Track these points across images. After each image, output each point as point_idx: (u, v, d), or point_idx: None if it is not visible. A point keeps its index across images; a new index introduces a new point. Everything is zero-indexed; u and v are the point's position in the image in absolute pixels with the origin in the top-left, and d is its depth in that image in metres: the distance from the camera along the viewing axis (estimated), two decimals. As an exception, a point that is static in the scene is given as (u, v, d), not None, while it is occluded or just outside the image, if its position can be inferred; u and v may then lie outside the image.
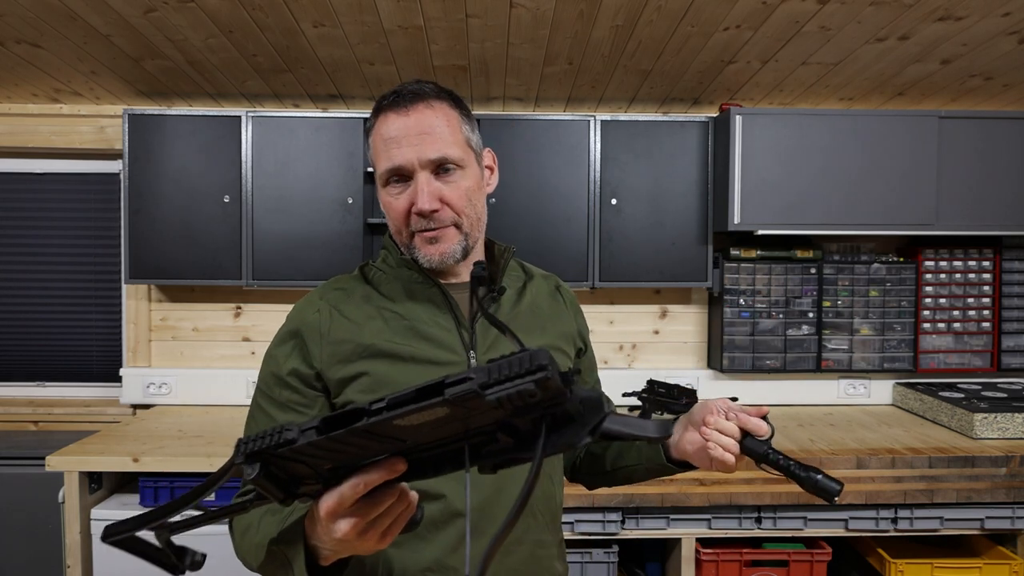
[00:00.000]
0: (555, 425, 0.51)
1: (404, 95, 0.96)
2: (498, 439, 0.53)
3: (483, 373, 0.45)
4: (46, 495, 2.26)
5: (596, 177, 2.49)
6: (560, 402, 0.48)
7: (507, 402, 0.45)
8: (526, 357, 0.45)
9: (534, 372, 0.44)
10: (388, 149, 0.95)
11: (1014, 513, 2.07)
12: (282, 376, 0.97)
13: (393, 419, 0.48)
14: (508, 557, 0.96)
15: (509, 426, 0.51)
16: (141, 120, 2.43)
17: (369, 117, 1.01)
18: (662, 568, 2.27)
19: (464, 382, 0.45)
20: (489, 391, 0.45)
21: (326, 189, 2.45)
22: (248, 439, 0.54)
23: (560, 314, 1.11)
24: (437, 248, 0.97)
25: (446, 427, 0.51)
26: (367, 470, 0.57)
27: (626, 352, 2.84)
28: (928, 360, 2.70)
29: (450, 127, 0.96)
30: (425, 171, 0.95)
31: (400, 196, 0.96)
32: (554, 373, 0.44)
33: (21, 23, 1.86)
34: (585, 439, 0.51)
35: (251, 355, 2.78)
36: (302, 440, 0.51)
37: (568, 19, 1.83)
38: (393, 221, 0.99)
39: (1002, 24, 1.84)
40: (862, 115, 2.42)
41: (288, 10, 1.77)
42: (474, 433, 0.52)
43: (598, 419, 0.51)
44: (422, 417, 0.48)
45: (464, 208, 0.97)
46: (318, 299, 1.02)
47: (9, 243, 2.81)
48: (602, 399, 0.52)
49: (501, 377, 0.45)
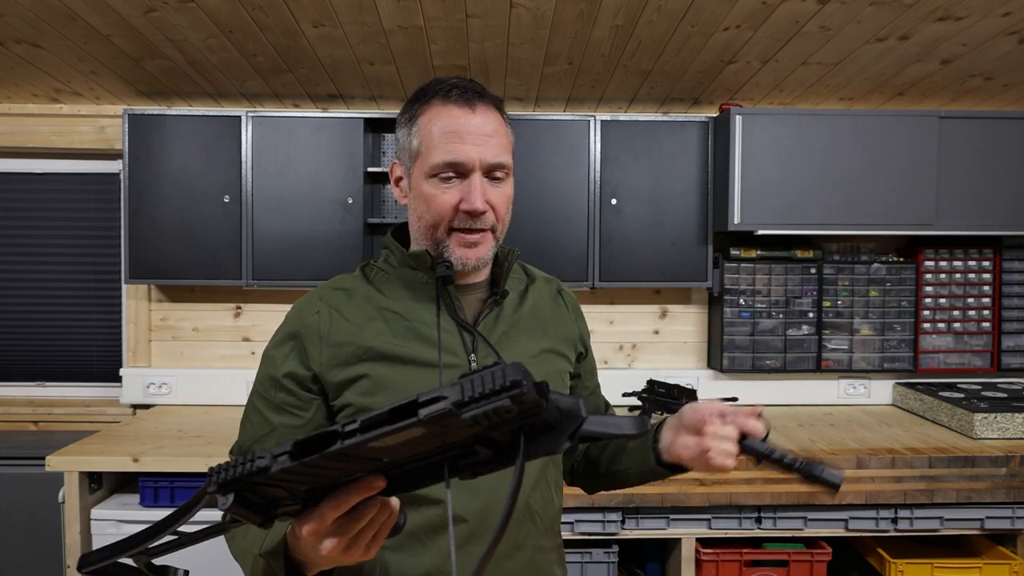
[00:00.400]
0: (533, 434, 0.51)
1: (468, 90, 0.95)
2: (476, 452, 0.53)
3: (457, 391, 0.44)
4: (46, 495, 2.26)
5: (596, 177, 2.49)
6: (537, 413, 0.47)
7: (483, 419, 0.45)
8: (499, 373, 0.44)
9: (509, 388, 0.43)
10: (449, 142, 0.93)
11: (1014, 513, 2.07)
12: (278, 378, 0.96)
13: (367, 442, 0.47)
14: (507, 562, 0.96)
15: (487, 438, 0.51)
16: (141, 120, 2.43)
17: (415, 102, 0.98)
18: (662, 568, 2.27)
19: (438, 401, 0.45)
20: (464, 409, 0.44)
21: (326, 189, 2.45)
22: (220, 468, 0.52)
23: (562, 318, 1.10)
24: (475, 252, 0.96)
25: (423, 444, 0.50)
26: (346, 489, 0.56)
27: (626, 352, 2.84)
28: (928, 360, 2.70)
29: (506, 135, 0.99)
30: (480, 173, 0.95)
31: (449, 191, 0.95)
32: (529, 388, 0.44)
33: (21, 23, 1.86)
34: (564, 445, 0.51)
35: (251, 355, 2.78)
36: (276, 467, 0.50)
37: (568, 19, 1.83)
38: (434, 214, 0.96)
39: (1002, 24, 1.84)
40: (862, 115, 2.42)
41: (288, 10, 1.77)
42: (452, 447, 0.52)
43: (576, 425, 0.51)
44: (397, 438, 0.47)
45: (504, 215, 1.00)
46: (318, 300, 1.00)
47: (9, 243, 2.81)
48: (579, 405, 0.52)
49: (476, 395, 0.44)
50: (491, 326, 1.00)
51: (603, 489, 1.15)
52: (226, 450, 2.13)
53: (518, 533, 0.97)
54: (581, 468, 1.17)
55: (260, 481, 0.52)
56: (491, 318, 1.01)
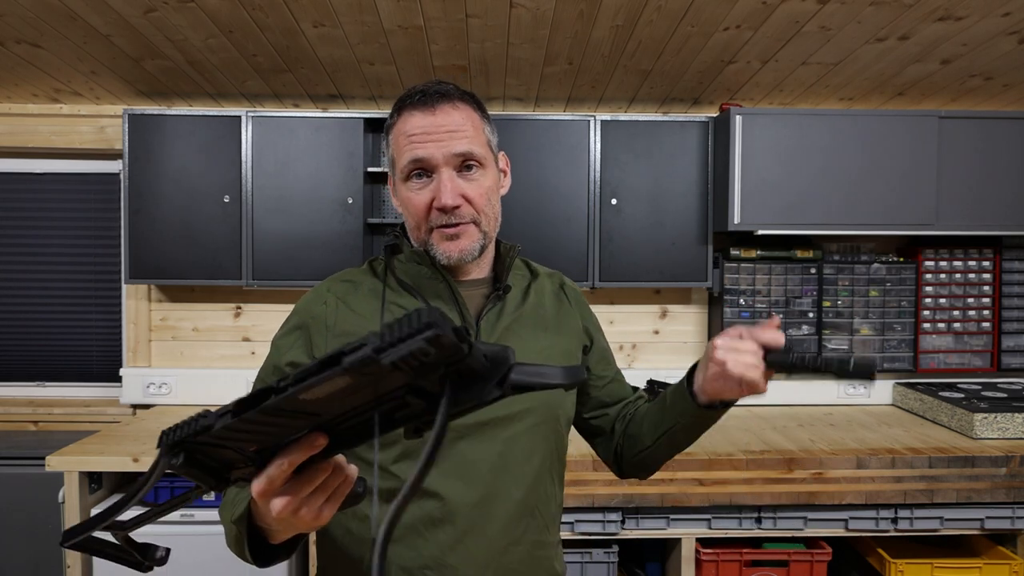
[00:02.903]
0: (462, 383, 0.51)
1: (430, 94, 0.97)
2: (408, 403, 0.53)
3: (376, 338, 0.45)
4: (46, 495, 2.26)
5: (596, 177, 2.49)
6: (459, 358, 0.47)
7: (403, 364, 0.45)
8: (415, 316, 0.44)
9: (423, 330, 0.43)
10: (412, 143, 0.96)
11: (1014, 513, 2.07)
12: (280, 367, 0.99)
13: (299, 394, 0.48)
14: (505, 557, 0.96)
15: (417, 389, 0.51)
16: (141, 120, 2.43)
17: (389, 116, 1.02)
18: (662, 568, 2.27)
19: (359, 349, 0.45)
20: (383, 354, 0.44)
21: (326, 189, 2.45)
22: (170, 429, 0.54)
23: (565, 312, 1.11)
24: (456, 245, 0.98)
25: (356, 396, 0.50)
26: (289, 448, 0.57)
27: (626, 352, 2.84)
28: (928, 360, 2.70)
29: (474, 127, 0.98)
30: (449, 167, 0.96)
31: (422, 191, 0.97)
32: (445, 329, 0.44)
33: (21, 23, 1.86)
34: (493, 393, 0.51)
35: (251, 355, 2.78)
36: (218, 424, 0.51)
37: (568, 19, 1.83)
38: (412, 216, 0.99)
39: (1002, 24, 1.84)
40: (862, 115, 2.42)
41: (288, 10, 1.77)
42: (385, 400, 0.52)
43: (503, 372, 0.51)
44: (327, 388, 0.48)
45: (484, 206, 0.99)
46: (326, 291, 1.03)
47: (9, 243, 2.81)
48: (507, 352, 0.52)
49: (394, 339, 0.44)
50: (493, 321, 1.02)
51: (657, 462, 1.10)
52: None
53: (515, 528, 0.97)
54: (626, 453, 1.13)
55: (207, 441, 0.53)
56: (493, 313, 1.03)
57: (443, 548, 0.94)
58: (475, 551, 0.94)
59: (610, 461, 1.17)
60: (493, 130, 1.04)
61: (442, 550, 0.94)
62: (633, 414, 1.13)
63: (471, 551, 0.94)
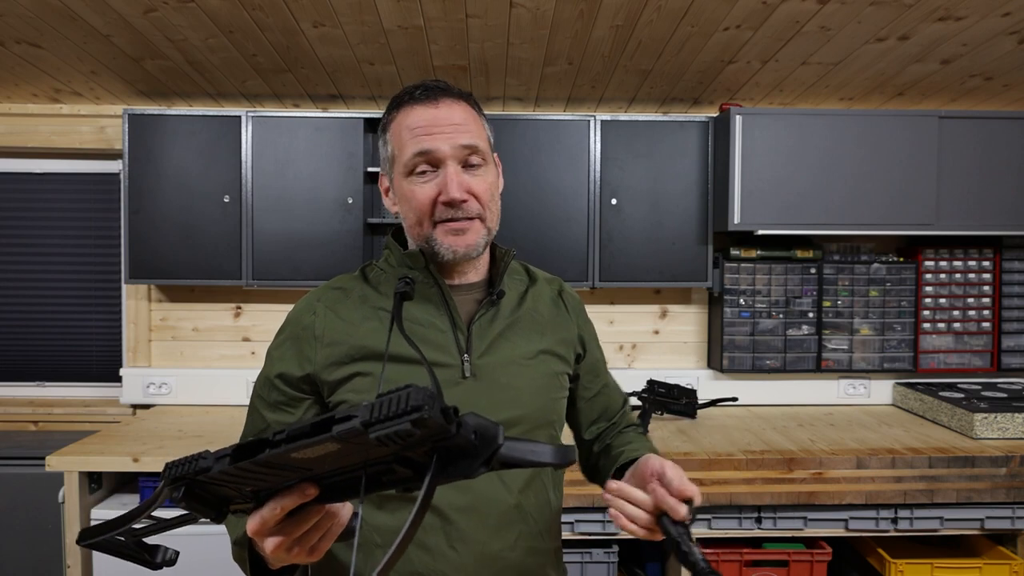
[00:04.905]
0: (449, 457, 0.52)
1: (431, 89, 0.96)
2: (396, 470, 0.55)
3: (367, 411, 0.46)
4: (46, 495, 2.26)
5: (596, 177, 2.49)
6: (445, 437, 0.48)
7: (388, 441, 0.46)
8: (404, 396, 0.45)
9: (410, 412, 0.45)
10: (416, 136, 0.94)
11: (1014, 513, 2.07)
12: (271, 378, 1.00)
13: (290, 452, 0.50)
14: (498, 563, 0.96)
15: (405, 458, 0.53)
16: (141, 120, 2.43)
17: (386, 113, 1.00)
18: (662, 568, 2.27)
19: (350, 420, 0.47)
20: (372, 429, 0.46)
21: (326, 189, 2.45)
22: (173, 464, 0.57)
23: (561, 320, 1.10)
24: (463, 240, 0.96)
25: (345, 458, 0.52)
26: (283, 494, 0.59)
27: (626, 352, 2.84)
28: (928, 360, 2.70)
29: (476, 123, 0.98)
30: (454, 161, 0.94)
31: (426, 185, 0.95)
32: (432, 412, 0.45)
33: (21, 23, 1.86)
34: (479, 471, 0.52)
35: (251, 355, 2.78)
36: (216, 467, 0.54)
37: (568, 19, 1.83)
38: (416, 211, 0.96)
39: (1002, 24, 1.84)
40: (862, 115, 2.42)
41: (288, 10, 1.77)
42: (374, 463, 0.54)
43: (491, 450, 0.52)
44: (318, 450, 0.50)
45: (489, 202, 0.98)
46: (315, 300, 1.02)
47: (9, 243, 2.81)
48: (497, 430, 0.52)
49: (382, 416, 0.46)
50: (486, 326, 1.00)
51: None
52: (226, 450, 2.13)
53: (508, 534, 0.97)
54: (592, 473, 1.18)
55: (205, 480, 0.56)
56: (487, 318, 1.01)
57: (434, 555, 0.93)
58: (467, 558, 0.94)
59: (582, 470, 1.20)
60: (490, 129, 1.03)
61: (433, 557, 0.93)
62: (608, 446, 1.14)
63: (463, 558, 0.94)
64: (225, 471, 0.54)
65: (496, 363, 0.99)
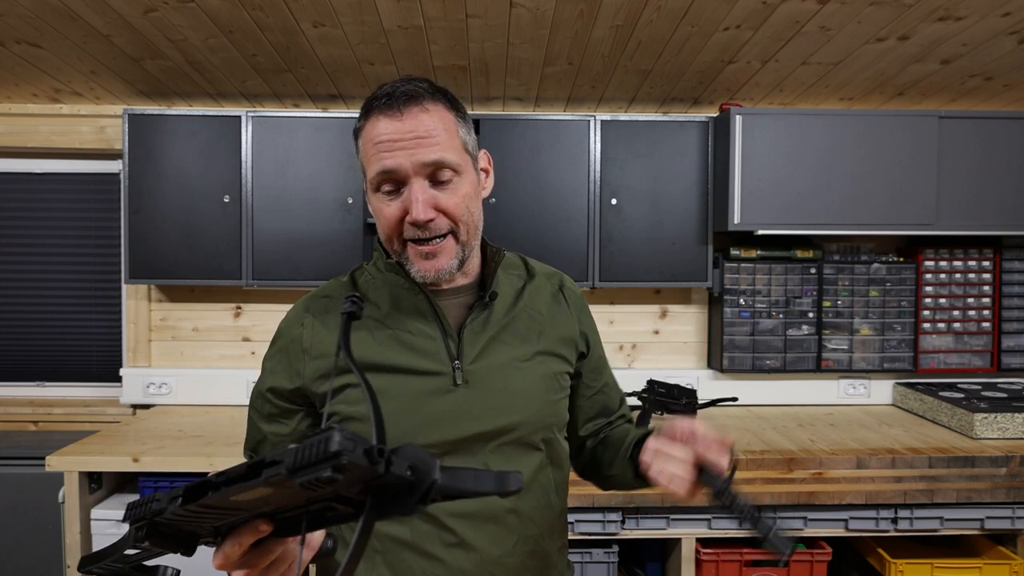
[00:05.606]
0: (385, 495, 0.52)
1: (397, 97, 0.89)
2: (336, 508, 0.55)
3: (292, 456, 0.46)
4: (46, 495, 2.26)
5: (596, 177, 2.49)
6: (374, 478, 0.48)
7: (314, 485, 0.46)
8: (323, 441, 0.45)
9: (329, 459, 0.44)
10: (379, 152, 0.89)
11: (1014, 513, 2.07)
12: (263, 392, 1.01)
13: (229, 495, 0.50)
14: (498, 569, 0.95)
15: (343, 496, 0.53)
16: (141, 120, 2.43)
17: (358, 118, 0.95)
18: (662, 568, 2.27)
19: (277, 464, 0.47)
20: (296, 475, 0.46)
21: (326, 189, 2.45)
22: (133, 504, 0.59)
23: (560, 317, 1.06)
24: (433, 264, 0.92)
25: (285, 499, 0.53)
26: (240, 531, 0.59)
27: (626, 352, 2.84)
28: (928, 360, 2.70)
29: (447, 131, 0.91)
30: (420, 178, 0.89)
31: (392, 203, 0.91)
32: (354, 456, 0.44)
33: (21, 23, 1.86)
34: (416, 508, 0.52)
35: (251, 355, 2.78)
36: (170, 509, 0.55)
37: (568, 19, 1.83)
38: (384, 229, 0.93)
39: (1002, 24, 1.84)
40: (862, 115, 2.42)
41: (288, 10, 1.77)
42: (315, 501, 0.54)
43: (427, 485, 0.51)
44: (255, 493, 0.50)
45: (462, 216, 0.92)
46: (303, 311, 1.01)
47: (9, 243, 2.81)
48: (433, 463, 0.51)
49: (304, 462, 0.45)
50: (478, 330, 0.98)
51: (612, 488, 1.12)
52: (225, 450, 2.14)
53: (507, 539, 0.96)
54: (590, 468, 1.15)
55: (163, 520, 0.57)
56: (478, 322, 0.98)
57: (432, 561, 0.93)
58: (466, 564, 0.93)
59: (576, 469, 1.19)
60: (469, 129, 0.96)
61: (431, 563, 0.93)
62: (607, 437, 1.12)
63: (462, 564, 0.93)
64: (177, 512, 0.54)
65: (489, 368, 0.96)
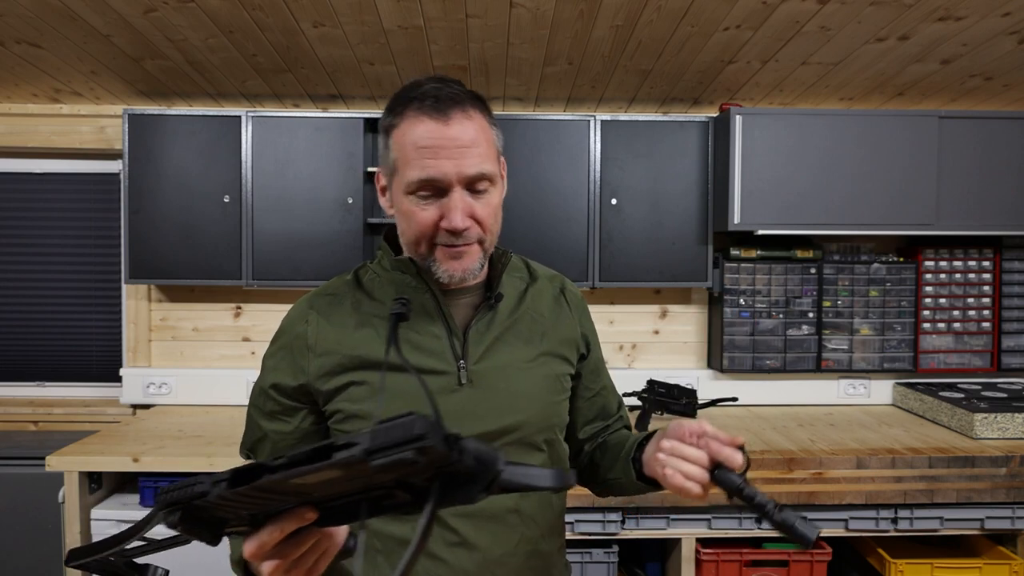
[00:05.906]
0: (449, 483, 0.52)
1: (442, 100, 0.88)
2: (396, 495, 0.55)
3: (368, 439, 0.46)
4: (46, 495, 2.26)
5: (596, 177, 2.49)
6: (447, 464, 0.49)
7: (390, 468, 0.46)
8: (408, 424, 0.45)
9: (413, 441, 0.45)
10: (422, 158, 0.88)
11: (1014, 513, 2.07)
12: (265, 388, 1.00)
13: (289, 478, 0.50)
14: (500, 569, 0.95)
15: (406, 483, 0.53)
16: (141, 120, 2.43)
17: (388, 113, 0.93)
18: (662, 568, 2.27)
19: (351, 447, 0.47)
20: (373, 457, 0.46)
21: (326, 189, 2.45)
22: (169, 488, 0.58)
23: (562, 319, 1.07)
24: (461, 264, 0.93)
25: (346, 484, 0.52)
26: (281, 518, 0.59)
27: (626, 352, 2.84)
28: (928, 360, 2.70)
29: (487, 140, 0.92)
30: (460, 187, 0.89)
31: (428, 208, 0.90)
32: (435, 440, 0.45)
33: (21, 23, 1.86)
34: (479, 497, 0.52)
35: (251, 355, 2.78)
36: (213, 492, 0.54)
37: (568, 19, 1.83)
38: (415, 232, 0.92)
39: (1002, 24, 1.84)
40: (862, 115, 2.42)
41: (288, 10, 1.77)
42: (374, 488, 0.54)
43: (492, 476, 0.52)
44: (317, 477, 0.50)
45: (491, 226, 0.94)
46: (307, 308, 1.00)
47: (9, 243, 2.81)
48: (497, 456, 0.52)
49: (384, 444, 0.46)
50: (483, 331, 0.98)
51: (608, 494, 1.13)
52: (225, 450, 2.14)
53: (509, 539, 0.96)
54: (587, 473, 1.15)
55: (201, 504, 0.56)
56: (483, 323, 0.99)
57: (435, 560, 0.93)
58: (468, 564, 0.94)
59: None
60: (499, 134, 0.97)
61: (434, 562, 0.93)
62: (605, 441, 1.12)
63: (465, 564, 0.93)
64: (222, 495, 0.53)
65: (494, 368, 0.97)
